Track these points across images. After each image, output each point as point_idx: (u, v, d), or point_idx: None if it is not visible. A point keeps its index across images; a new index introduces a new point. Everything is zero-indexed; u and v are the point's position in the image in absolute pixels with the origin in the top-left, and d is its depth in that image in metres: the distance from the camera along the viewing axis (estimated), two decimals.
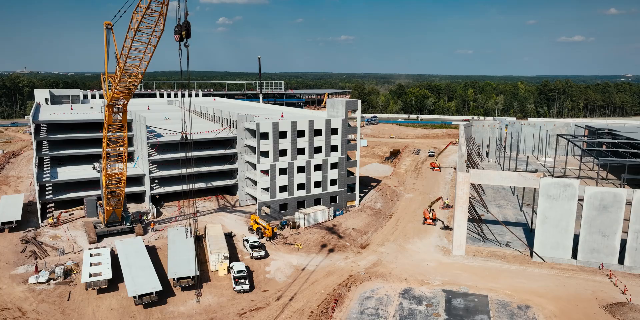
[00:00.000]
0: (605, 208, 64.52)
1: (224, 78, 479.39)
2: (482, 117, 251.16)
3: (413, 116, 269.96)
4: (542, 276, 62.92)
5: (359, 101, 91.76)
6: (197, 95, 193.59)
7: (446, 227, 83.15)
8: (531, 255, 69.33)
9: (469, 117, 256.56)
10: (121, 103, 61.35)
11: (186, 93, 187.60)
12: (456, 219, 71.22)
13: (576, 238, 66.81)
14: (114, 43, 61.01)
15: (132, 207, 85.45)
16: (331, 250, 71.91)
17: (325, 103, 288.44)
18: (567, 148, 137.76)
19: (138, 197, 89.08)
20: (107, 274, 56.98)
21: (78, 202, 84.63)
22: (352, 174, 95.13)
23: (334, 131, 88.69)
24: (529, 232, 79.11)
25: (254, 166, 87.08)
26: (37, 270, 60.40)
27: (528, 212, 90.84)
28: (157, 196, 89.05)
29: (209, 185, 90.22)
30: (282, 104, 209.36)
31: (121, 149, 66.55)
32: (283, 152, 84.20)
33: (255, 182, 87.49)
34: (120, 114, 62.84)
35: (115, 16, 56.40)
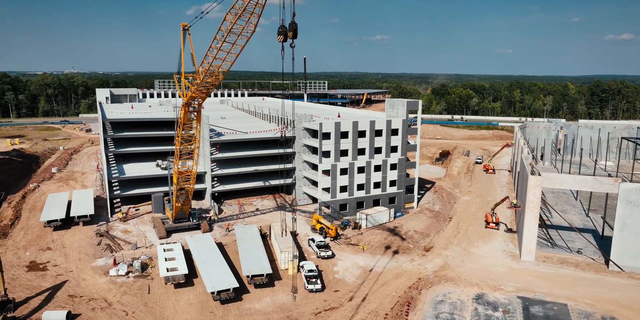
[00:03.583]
0: None
1: (260, 78, 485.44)
2: (529, 119, 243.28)
3: (457, 117, 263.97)
4: (623, 286, 60.13)
5: (420, 101, 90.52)
6: (242, 95, 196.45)
7: (509, 230, 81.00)
8: (607, 263, 66.42)
9: (516, 119, 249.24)
10: (197, 102, 62.77)
11: (242, 92, 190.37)
12: (526, 223, 69.05)
13: None
14: (190, 44, 62.59)
15: (193, 204, 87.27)
16: (396, 252, 71.25)
17: (365, 102, 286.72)
18: (631, 151, 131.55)
19: (198, 195, 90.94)
20: (182, 269, 58.39)
21: (141, 198, 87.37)
22: (407, 175, 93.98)
23: (394, 132, 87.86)
24: (600, 239, 75.93)
25: (313, 166, 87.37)
26: (115, 263, 62.65)
27: (595, 218, 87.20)
28: (217, 194, 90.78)
29: (267, 184, 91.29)
30: (325, 104, 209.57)
31: (192, 147, 68.13)
32: (344, 153, 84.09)
33: (314, 182, 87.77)
34: (195, 113, 64.30)
35: (195, 18, 57.87)
